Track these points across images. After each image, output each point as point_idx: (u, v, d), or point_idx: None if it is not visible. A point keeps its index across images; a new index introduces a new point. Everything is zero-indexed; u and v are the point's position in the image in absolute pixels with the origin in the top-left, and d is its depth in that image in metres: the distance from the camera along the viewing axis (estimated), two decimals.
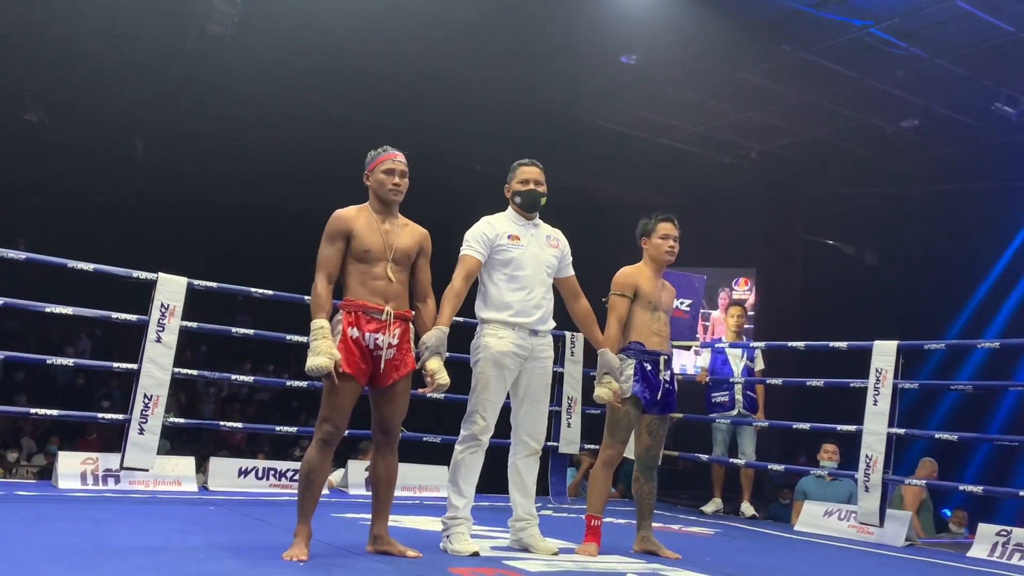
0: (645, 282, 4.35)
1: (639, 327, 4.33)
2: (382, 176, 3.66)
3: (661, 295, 4.41)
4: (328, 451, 3.55)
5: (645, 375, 4.30)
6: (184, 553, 3.48)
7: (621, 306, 4.30)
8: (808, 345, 6.61)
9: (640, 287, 4.34)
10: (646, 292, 4.34)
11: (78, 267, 5.21)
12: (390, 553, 3.62)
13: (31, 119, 10.67)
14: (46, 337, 11.65)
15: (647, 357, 4.33)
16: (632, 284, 4.33)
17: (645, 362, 4.32)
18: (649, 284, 4.36)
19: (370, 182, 3.70)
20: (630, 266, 4.43)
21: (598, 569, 3.81)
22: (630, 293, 4.33)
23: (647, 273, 4.40)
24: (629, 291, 4.33)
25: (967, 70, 9.02)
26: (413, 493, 6.08)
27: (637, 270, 4.41)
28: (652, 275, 4.40)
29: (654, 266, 4.43)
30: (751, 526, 6.31)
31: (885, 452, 5.55)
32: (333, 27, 8.71)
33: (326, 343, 3.45)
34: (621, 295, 4.32)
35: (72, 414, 6.25)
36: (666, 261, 4.42)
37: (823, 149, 11.73)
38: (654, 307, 4.36)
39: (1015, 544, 5.14)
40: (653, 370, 4.32)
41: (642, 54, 9.39)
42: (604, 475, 4.33)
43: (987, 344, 6.60)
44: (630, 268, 4.42)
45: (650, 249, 4.43)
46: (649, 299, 4.34)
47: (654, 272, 4.42)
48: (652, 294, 4.35)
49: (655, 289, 4.38)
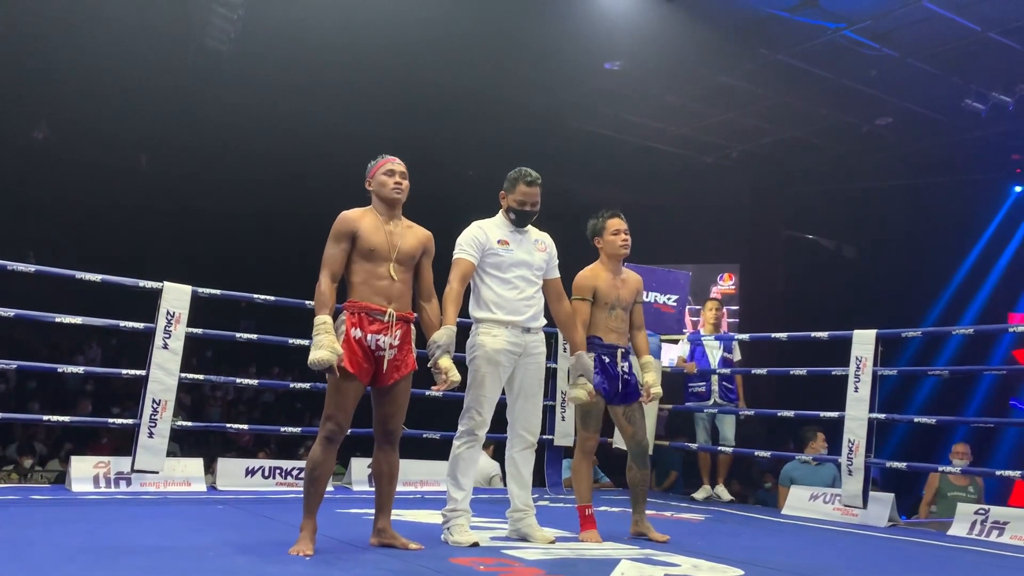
0: (602, 283, 4.49)
1: (596, 323, 4.48)
2: (383, 178, 3.75)
3: (620, 292, 4.52)
4: (332, 449, 3.61)
5: (604, 367, 4.44)
6: (194, 551, 3.52)
7: (583, 309, 4.45)
8: (791, 336, 6.77)
9: (598, 288, 4.48)
10: (603, 293, 4.48)
11: (86, 278, 5.29)
12: (393, 546, 3.69)
13: (38, 136, 10.79)
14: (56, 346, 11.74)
15: (605, 350, 4.48)
16: (590, 287, 4.48)
17: (603, 355, 4.47)
18: (606, 284, 4.49)
19: (372, 187, 3.78)
20: (587, 268, 4.56)
21: (593, 555, 3.89)
22: (589, 296, 4.47)
23: (603, 273, 4.52)
24: (588, 294, 4.47)
25: (937, 69, 9.20)
26: (414, 488, 6.14)
27: (593, 272, 4.53)
28: (609, 274, 4.53)
29: (611, 263, 4.55)
30: (741, 511, 6.42)
31: (867, 436, 5.70)
32: (327, 40, 8.84)
33: (328, 337, 3.50)
34: (582, 299, 4.47)
35: (84, 420, 6.31)
36: (622, 255, 4.55)
37: (802, 147, 11.91)
38: (611, 306, 4.49)
39: (992, 522, 5.27)
40: (611, 362, 4.47)
41: (625, 60, 9.56)
42: (585, 464, 4.47)
43: (962, 331, 6.73)
44: (587, 271, 4.54)
45: (604, 246, 4.56)
46: (606, 300, 4.48)
47: (611, 270, 4.54)
48: (608, 294, 4.48)
49: (612, 288, 4.50)
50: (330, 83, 9.78)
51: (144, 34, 8.84)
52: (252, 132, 10.61)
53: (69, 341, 11.84)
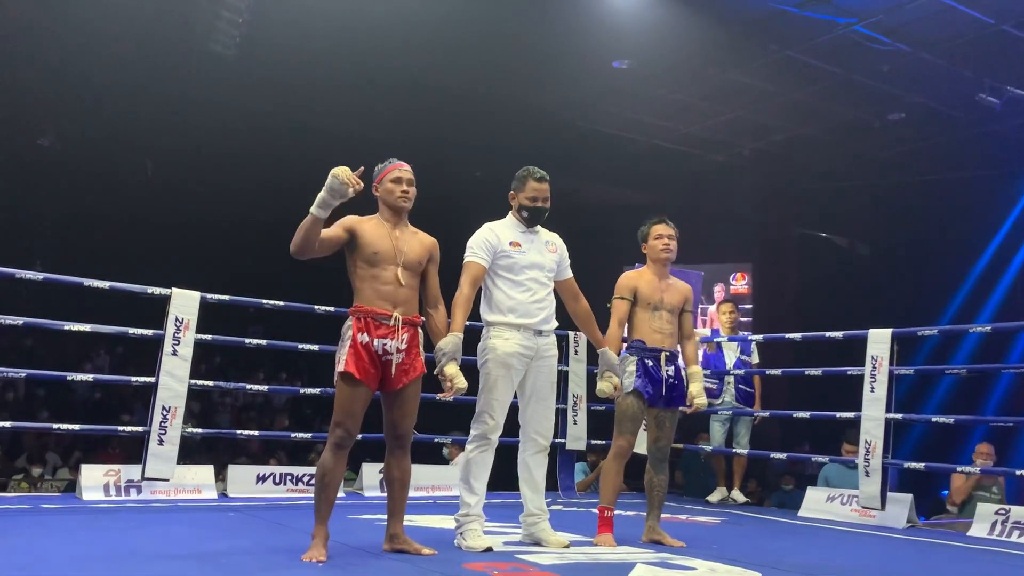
0: (644, 285, 4.54)
1: (639, 326, 4.53)
2: (390, 185, 3.76)
3: (664, 295, 4.56)
4: (342, 454, 3.61)
5: (647, 371, 4.46)
6: (207, 558, 3.53)
7: (621, 308, 4.52)
8: (805, 336, 6.72)
9: (639, 289, 4.53)
10: (645, 294, 4.53)
11: (94, 285, 5.30)
12: (406, 551, 3.69)
13: (44, 144, 10.83)
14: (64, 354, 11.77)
15: (647, 354, 4.49)
16: (631, 287, 4.54)
17: (646, 359, 4.48)
18: (648, 286, 4.54)
19: (379, 192, 3.79)
20: (633, 270, 4.67)
21: (608, 560, 3.88)
22: (629, 296, 4.53)
23: (648, 276, 4.59)
24: (628, 294, 4.53)
25: (950, 63, 9.11)
26: (427, 493, 6.15)
27: (638, 274, 4.62)
28: (654, 277, 4.59)
29: (656, 267, 4.61)
30: (757, 513, 6.40)
31: (884, 437, 5.66)
32: (334, 43, 8.82)
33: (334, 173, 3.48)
34: (621, 298, 4.53)
35: (93, 428, 6.32)
36: (664, 259, 4.60)
37: (814, 144, 11.83)
38: (654, 307, 4.53)
39: (1014, 522, 5.22)
40: (655, 366, 4.48)
41: (634, 59, 9.51)
42: (616, 467, 4.46)
43: (979, 328, 6.68)
44: (631, 272, 4.65)
45: (648, 251, 4.64)
46: (648, 300, 4.53)
47: (656, 273, 4.60)
48: (651, 295, 4.53)
49: (655, 290, 4.54)
50: (337, 86, 9.76)
51: (148, 40, 8.81)
52: (258, 137, 10.60)
53: (77, 349, 11.86)
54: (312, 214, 3.51)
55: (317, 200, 3.50)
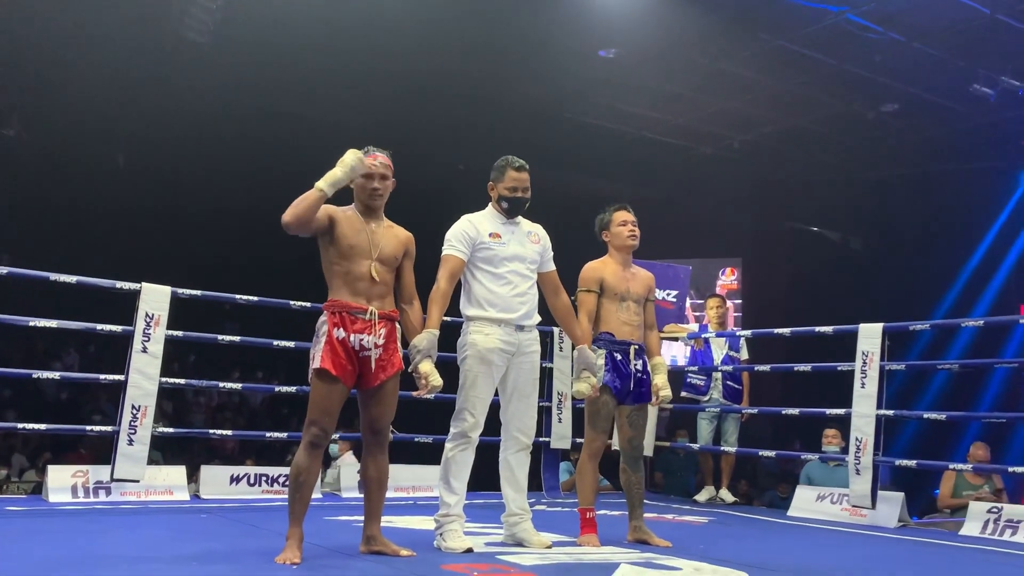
0: (610, 275, 4.40)
1: (607, 318, 4.38)
2: (362, 180, 3.65)
3: (630, 285, 4.43)
4: (317, 453, 3.54)
5: (615, 364, 4.34)
6: (177, 561, 3.45)
7: (588, 301, 4.37)
8: (794, 331, 6.59)
9: (605, 280, 4.39)
10: (611, 284, 4.39)
11: (61, 280, 5.17)
12: (384, 553, 3.62)
13: (9, 133, 10.63)
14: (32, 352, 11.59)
15: (617, 347, 4.36)
16: (596, 278, 4.39)
17: (615, 352, 4.35)
18: (614, 276, 4.41)
19: (353, 184, 3.69)
20: (595, 260, 4.49)
21: (592, 560, 3.82)
22: (595, 287, 4.38)
23: (612, 265, 4.44)
24: (595, 285, 4.38)
25: (944, 53, 9.06)
26: (406, 493, 6.07)
27: (602, 264, 4.46)
28: (618, 266, 4.44)
29: (620, 256, 4.47)
30: (746, 513, 6.32)
31: (875, 434, 5.57)
32: (311, 30, 8.70)
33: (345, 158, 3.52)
34: (587, 291, 4.38)
35: (60, 428, 6.21)
36: (630, 246, 4.47)
37: (805, 136, 11.76)
38: (621, 298, 4.40)
39: (1006, 520, 5.16)
40: (624, 359, 4.36)
41: (620, 48, 9.41)
42: (591, 467, 4.37)
43: (971, 323, 6.62)
44: (594, 263, 4.47)
45: (612, 239, 4.48)
46: (615, 290, 4.39)
47: (620, 262, 4.46)
48: (618, 285, 4.39)
49: (621, 280, 4.41)
50: (314, 74, 9.63)
51: (120, 26, 8.65)
52: (234, 127, 10.43)
53: (46, 346, 11.68)
54: (320, 189, 3.48)
55: (328, 177, 3.50)
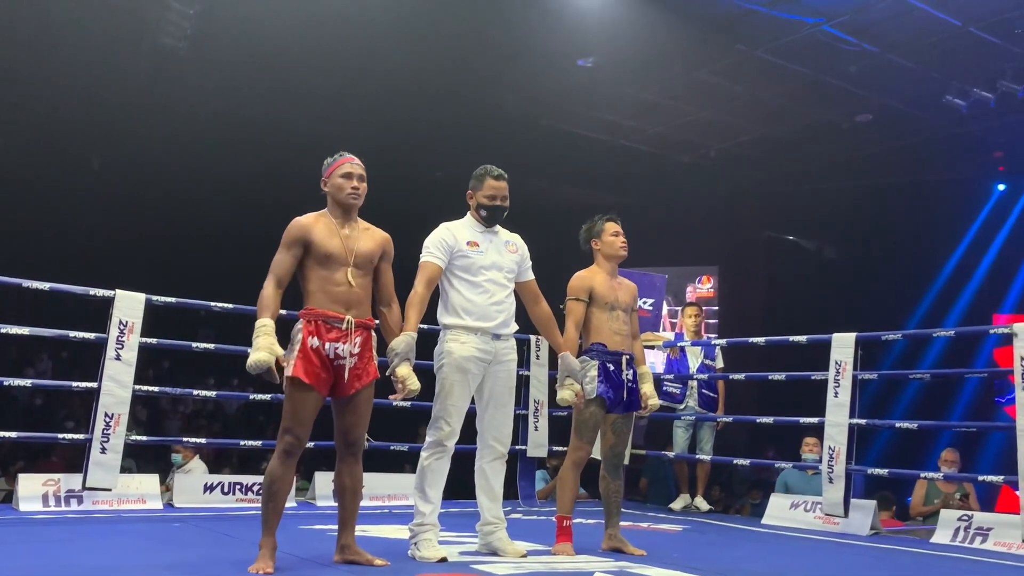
0: (599, 284, 4.43)
1: (599, 328, 4.40)
2: (340, 180, 3.63)
3: (618, 294, 4.46)
4: (291, 462, 3.52)
5: (608, 375, 4.35)
6: (149, 571, 3.43)
7: (577, 310, 4.38)
8: (769, 340, 6.64)
9: (595, 289, 4.41)
10: (601, 293, 4.41)
11: (33, 286, 5.13)
12: (358, 562, 3.60)
13: None
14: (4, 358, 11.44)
15: (609, 358, 4.39)
16: (586, 287, 4.41)
17: (608, 363, 4.37)
18: (603, 286, 4.43)
19: (328, 188, 3.67)
20: (584, 270, 4.51)
21: (566, 569, 3.82)
22: (585, 296, 4.40)
23: (601, 275, 4.47)
24: (584, 295, 4.40)
25: (917, 64, 9.14)
26: (382, 502, 6.03)
27: (591, 273, 4.48)
28: (606, 275, 4.47)
29: (608, 265, 4.50)
30: (720, 521, 6.35)
31: (847, 443, 5.61)
32: (288, 38, 8.63)
33: (267, 339, 3.40)
34: (576, 299, 4.40)
35: (30, 436, 6.14)
36: (620, 257, 4.51)
37: (781, 145, 11.81)
38: (611, 307, 4.42)
39: (976, 528, 5.22)
40: (616, 370, 4.38)
41: (599, 56, 9.42)
42: (573, 476, 4.38)
43: (943, 333, 6.67)
44: (584, 272, 4.50)
45: (603, 248, 4.51)
46: (605, 300, 4.41)
47: (608, 272, 4.49)
48: (607, 294, 4.42)
49: (610, 289, 4.44)
50: (291, 82, 9.56)
51: (94, 31, 8.54)
52: (209, 133, 10.33)
53: (19, 353, 11.54)
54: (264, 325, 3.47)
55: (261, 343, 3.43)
